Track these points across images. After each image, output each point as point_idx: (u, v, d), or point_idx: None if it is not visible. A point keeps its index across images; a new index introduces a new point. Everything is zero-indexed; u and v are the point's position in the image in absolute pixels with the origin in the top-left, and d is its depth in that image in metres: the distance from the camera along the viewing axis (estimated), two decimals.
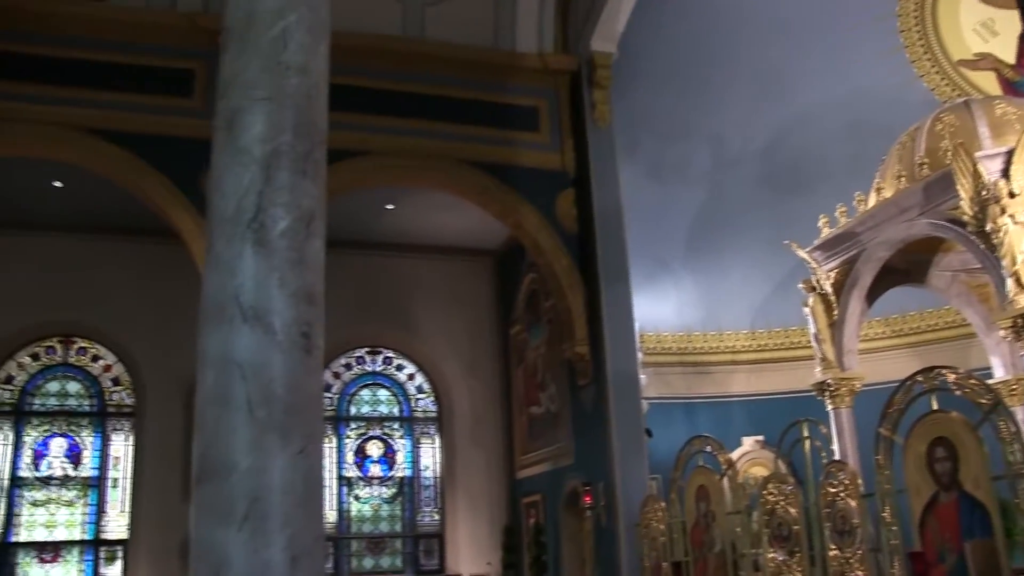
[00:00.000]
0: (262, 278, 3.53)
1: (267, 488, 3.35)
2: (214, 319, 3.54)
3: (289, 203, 3.64)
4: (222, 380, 3.45)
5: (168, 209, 10.72)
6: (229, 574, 3.28)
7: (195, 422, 3.55)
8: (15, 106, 10.44)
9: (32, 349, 14.27)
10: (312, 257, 3.66)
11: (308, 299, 3.58)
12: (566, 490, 12.76)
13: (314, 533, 3.44)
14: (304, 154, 3.72)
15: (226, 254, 3.59)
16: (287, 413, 3.43)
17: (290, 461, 3.40)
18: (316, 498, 3.50)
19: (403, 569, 14.85)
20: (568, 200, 12.19)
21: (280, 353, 3.47)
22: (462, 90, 12.02)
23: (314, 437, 3.51)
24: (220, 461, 3.38)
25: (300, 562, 3.34)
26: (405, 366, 15.70)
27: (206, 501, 3.40)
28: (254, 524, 3.30)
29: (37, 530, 13.67)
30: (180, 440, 13.89)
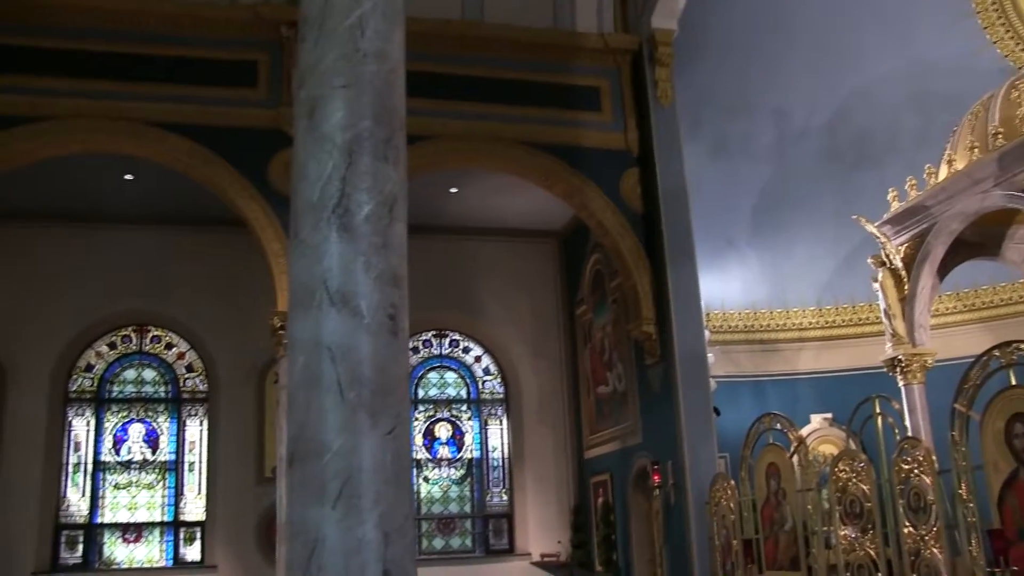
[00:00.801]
0: (348, 263, 3.60)
1: (358, 468, 3.43)
2: (303, 304, 3.61)
3: (371, 188, 3.70)
4: (312, 363, 3.53)
5: (236, 198, 10.90)
6: (325, 551, 3.36)
7: (287, 404, 3.63)
8: (87, 103, 10.70)
9: (109, 338, 14.67)
10: (395, 240, 3.73)
11: (393, 282, 3.65)
12: (634, 469, 12.76)
13: (404, 511, 3.52)
14: (384, 139, 3.79)
15: (312, 240, 3.66)
16: (376, 394, 3.51)
17: (380, 441, 3.48)
18: (405, 477, 3.58)
19: (473, 549, 14.99)
20: (632, 179, 12.15)
21: (368, 335, 3.54)
22: (524, 72, 12.02)
23: (402, 418, 3.59)
24: (313, 442, 3.46)
25: (392, 538, 3.42)
26: (472, 348, 15.80)
27: (300, 481, 3.49)
28: (347, 502, 3.39)
29: (120, 512, 14.10)
30: (252, 424, 14.22)
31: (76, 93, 10.69)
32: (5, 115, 10.45)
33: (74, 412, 14.32)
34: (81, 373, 14.44)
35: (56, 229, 14.03)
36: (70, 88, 10.69)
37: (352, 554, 3.37)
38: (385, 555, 3.40)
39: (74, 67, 10.80)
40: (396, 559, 3.42)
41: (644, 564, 12.70)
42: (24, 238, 13.96)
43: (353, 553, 3.37)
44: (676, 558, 11.30)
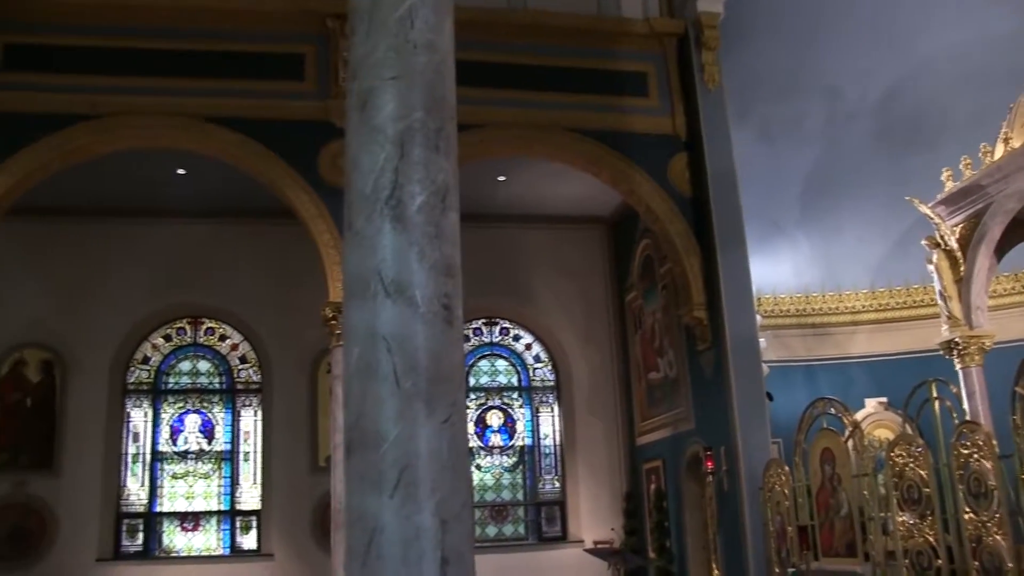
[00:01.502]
0: (402, 253, 3.62)
1: (415, 456, 3.45)
2: (358, 294, 3.64)
3: (424, 179, 3.72)
4: (368, 353, 3.55)
5: (287, 190, 11.03)
6: (383, 539, 3.39)
7: (344, 394, 3.67)
8: (141, 99, 10.93)
9: (164, 331, 14.95)
10: (449, 230, 3.74)
11: (447, 271, 3.67)
12: (687, 455, 12.72)
13: (462, 499, 3.54)
14: (436, 130, 3.80)
15: (366, 231, 3.69)
16: (432, 383, 3.52)
17: (436, 430, 3.50)
18: (462, 465, 3.60)
19: (526, 536, 15.06)
20: (680, 164, 12.09)
21: (423, 325, 3.56)
22: (570, 59, 12.00)
23: (458, 406, 3.61)
24: (370, 431, 3.49)
25: (450, 526, 3.44)
26: (522, 336, 15.84)
27: (358, 470, 3.52)
28: (405, 491, 3.41)
29: (178, 501, 14.40)
30: (305, 414, 14.39)
31: (130, 90, 10.93)
32: (63, 113, 10.73)
33: (132, 403, 14.63)
34: (138, 365, 14.75)
35: (112, 224, 14.31)
36: (125, 85, 10.93)
37: (410, 542, 3.39)
38: (443, 543, 3.42)
39: (128, 65, 11.03)
40: (454, 547, 3.44)
41: (697, 550, 12.67)
42: (82, 233, 14.26)
43: (411, 541, 3.39)
44: (730, 544, 11.26)
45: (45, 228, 14.05)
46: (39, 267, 14.12)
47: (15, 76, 10.89)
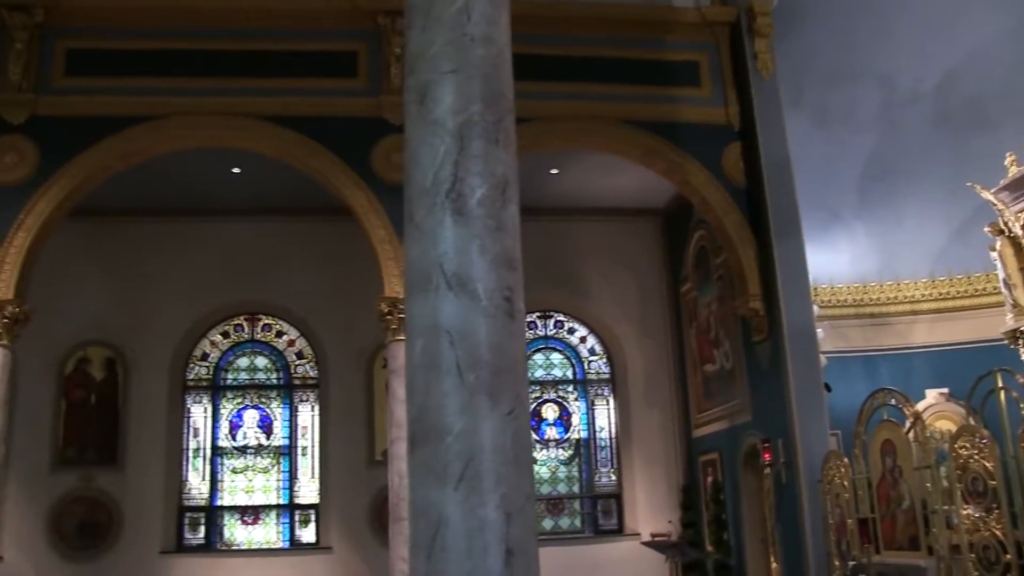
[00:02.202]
0: (463, 246, 3.63)
1: (479, 449, 3.47)
2: (420, 288, 3.66)
3: (484, 171, 3.72)
4: (431, 346, 3.57)
5: (341, 187, 11.12)
6: (448, 532, 3.41)
7: (407, 388, 3.69)
8: (197, 100, 11.11)
9: (222, 328, 15.18)
10: (509, 223, 3.75)
11: (508, 264, 3.67)
12: (744, 447, 12.61)
13: (525, 491, 3.54)
14: (495, 123, 3.80)
15: (427, 224, 3.70)
16: (495, 376, 3.53)
17: (500, 422, 3.50)
18: (525, 458, 3.60)
19: (582, 529, 15.05)
20: (735, 154, 11.97)
21: (485, 318, 3.57)
22: (621, 50, 11.92)
23: (521, 399, 3.61)
24: (434, 424, 3.51)
25: (514, 519, 3.45)
26: (576, 329, 15.81)
27: (422, 463, 3.54)
28: (469, 484, 3.42)
29: (238, 495, 14.61)
30: (362, 408, 14.51)
31: (187, 91, 11.13)
32: (123, 116, 10.94)
33: (192, 399, 14.87)
34: (197, 362, 14.99)
35: (171, 223, 14.56)
36: (182, 87, 11.14)
37: (475, 534, 3.41)
38: (507, 535, 3.43)
39: (184, 66, 11.24)
40: (518, 539, 3.45)
41: (756, 543, 12.55)
42: (142, 233, 14.54)
43: (476, 534, 3.41)
44: (789, 537, 11.15)
45: (107, 228, 14.35)
46: (101, 267, 14.42)
47: (77, 81, 11.17)
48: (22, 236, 10.64)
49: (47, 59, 11.16)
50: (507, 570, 3.39)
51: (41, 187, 10.77)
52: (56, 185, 10.80)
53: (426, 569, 3.47)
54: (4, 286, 10.49)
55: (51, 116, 10.99)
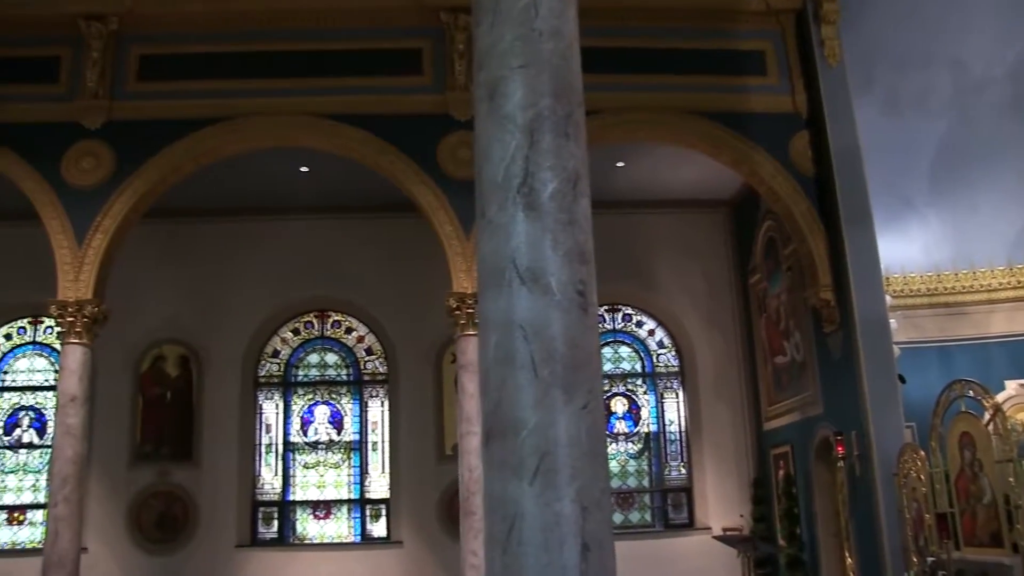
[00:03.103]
0: (536, 241, 3.63)
1: (555, 443, 3.47)
2: (493, 283, 3.67)
3: (555, 166, 3.72)
4: (505, 341, 3.58)
5: (408, 184, 11.21)
6: (524, 525, 3.42)
7: (481, 382, 3.70)
8: (265, 101, 11.34)
9: (293, 325, 15.41)
10: (581, 216, 3.74)
11: (580, 258, 3.67)
12: (816, 440, 12.43)
13: (601, 485, 3.54)
14: (565, 116, 3.80)
15: (499, 220, 3.71)
16: (569, 370, 3.53)
17: (575, 416, 3.50)
18: (601, 451, 3.60)
19: (652, 523, 14.98)
20: (802, 143, 11.80)
21: (559, 312, 3.57)
22: (686, 40, 11.82)
23: (595, 393, 3.60)
24: (509, 419, 3.52)
25: (590, 513, 3.45)
26: (645, 322, 15.72)
27: (498, 457, 3.55)
28: (545, 478, 3.43)
29: (310, 490, 14.83)
30: (431, 403, 14.61)
31: (255, 92, 11.35)
32: (194, 118, 11.19)
33: (264, 396, 15.12)
34: (268, 359, 15.23)
35: (240, 223, 14.81)
36: (250, 88, 11.37)
37: (551, 528, 3.41)
38: (583, 529, 3.43)
39: (252, 68, 11.47)
40: (594, 533, 3.45)
41: (829, 538, 12.37)
42: (213, 233, 14.82)
43: (552, 527, 3.41)
44: (863, 532, 10.97)
45: (179, 229, 14.65)
46: (175, 267, 14.73)
47: (149, 85, 11.46)
48: (100, 238, 10.95)
49: (121, 66, 11.47)
50: (583, 564, 3.39)
51: (117, 189, 11.08)
52: (131, 187, 11.08)
53: (502, 563, 3.48)
54: (83, 286, 10.80)
55: (125, 120, 11.31)
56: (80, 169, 11.13)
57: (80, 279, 10.82)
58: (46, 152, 11.14)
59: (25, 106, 11.24)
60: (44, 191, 11.06)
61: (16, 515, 14.58)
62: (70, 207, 11.02)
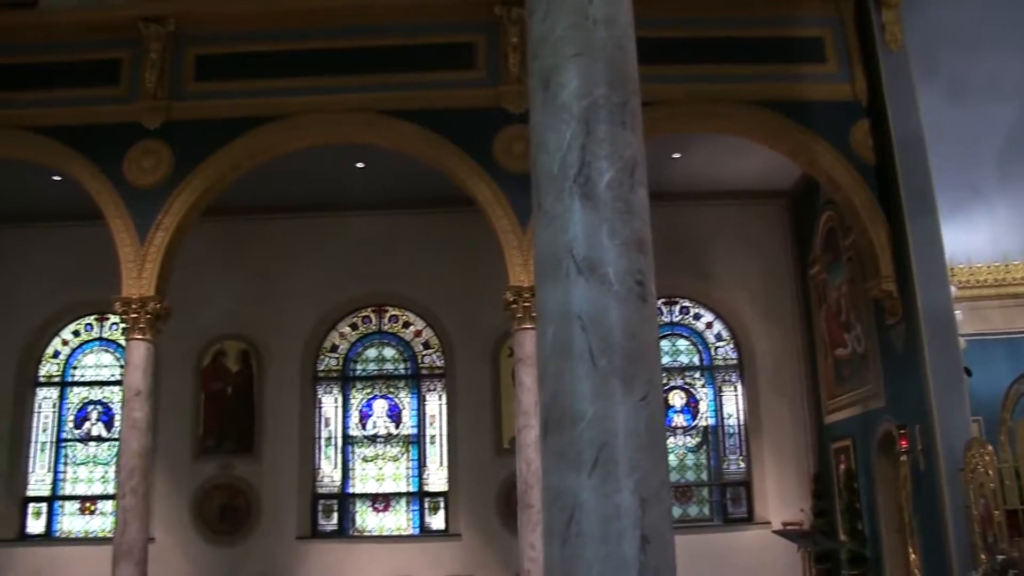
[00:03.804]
0: (593, 230, 3.60)
1: (613, 434, 3.44)
2: (550, 274, 3.65)
3: (611, 155, 3.69)
4: (563, 332, 3.56)
5: (464, 178, 11.22)
6: (582, 517, 3.40)
7: (539, 374, 3.69)
8: (321, 98, 11.44)
9: (351, 320, 15.54)
10: (638, 206, 3.71)
11: (638, 247, 3.63)
12: (879, 434, 12.21)
13: (660, 477, 3.51)
14: (621, 105, 3.76)
15: (555, 210, 3.69)
16: (627, 361, 3.50)
17: (633, 408, 3.47)
18: (659, 443, 3.56)
19: (711, 518, 14.85)
20: (863, 131, 11.57)
21: (617, 302, 3.54)
22: (742, 29, 11.66)
23: (654, 384, 3.57)
24: (567, 410, 3.50)
25: (649, 505, 3.42)
26: (702, 315, 15.57)
27: (556, 449, 3.54)
28: (604, 469, 3.40)
29: (369, 483, 14.96)
30: (489, 397, 14.65)
31: (311, 90, 11.45)
32: (250, 116, 11.35)
33: (323, 390, 15.29)
34: (327, 353, 15.39)
35: (298, 219, 14.98)
36: (305, 85, 11.47)
37: (610, 520, 3.39)
38: (643, 521, 3.40)
39: (307, 65, 11.56)
40: (654, 525, 3.42)
41: (892, 534, 12.15)
42: (271, 230, 15.01)
43: (611, 519, 3.39)
44: (928, 528, 10.76)
45: (239, 226, 14.84)
46: (234, 263, 14.95)
47: (206, 85, 11.63)
48: (161, 235, 11.14)
49: (179, 66, 11.65)
50: (643, 556, 3.36)
51: (177, 188, 11.27)
52: (190, 186, 11.26)
53: (560, 555, 3.47)
54: (146, 283, 11.00)
55: (184, 120, 11.50)
56: (141, 168, 11.33)
57: (143, 276, 11.02)
58: (108, 152, 11.37)
59: (88, 108, 11.50)
60: (107, 191, 11.29)
61: (87, 505, 14.98)
62: (132, 206, 11.23)
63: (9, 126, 11.52)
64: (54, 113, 11.48)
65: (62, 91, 11.57)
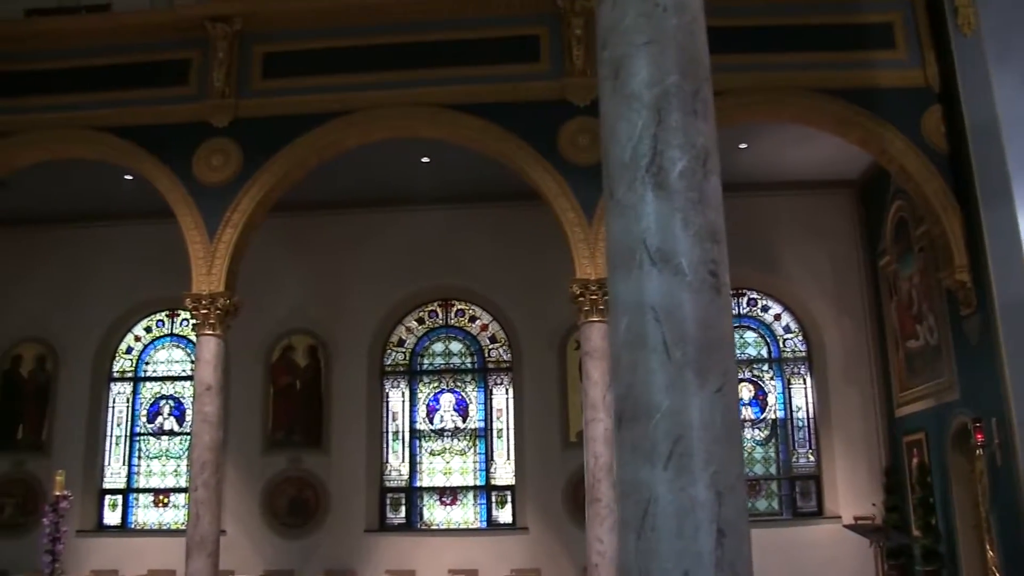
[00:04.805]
0: (665, 220, 3.56)
1: (688, 427, 3.40)
2: (623, 265, 3.62)
3: (684, 144, 3.64)
4: (636, 324, 3.53)
5: (529, 171, 11.22)
6: (657, 511, 3.37)
7: (612, 365, 3.66)
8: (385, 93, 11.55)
9: (417, 314, 15.65)
10: (711, 195, 3.66)
11: (712, 237, 3.59)
12: (953, 427, 11.93)
13: (736, 470, 3.46)
14: (692, 93, 3.71)
15: (628, 200, 3.65)
16: (702, 352, 3.46)
17: (708, 400, 3.43)
18: (735, 436, 3.51)
19: (780, 512, 14.66)
20: (935, 118, 11.30)
21: (690, 293, 3.50)
22: (809, 16, 11.46)
23: (729, 375, 3.52)
24: (641, 403, 3.47)
25: (725, 498, 3.37)
26: (770, 306, 15.35)
27: (630, 442, 3.50)
28: (678, 462, 3.37)
29: (436, 476, 15.05)
30: (555, 390, 14.62)
31: (376, 85, 11.57)
32: (317, 113, 11.51)
33: (390, 384, 15.42)
34: (394, 348, 15.51)
35: (364, 214, 15.13)
36: (370, 81, 11.60)
37: (685, 514, 3.35)
38: (719, 515, 3.36)
39: (372, 61, 11.68)
40: (730, 519, 3.37)
41: (968, 529, 11.86)
42: (337, 225, 15.19)
43: (686, 513, 3.35)
44: (1006, 524, 10.49)
45: (306, 222, 15.03)
46: (301, 259, 15.16)
47: (273, 83, 11.80)
48: (230, 232, 11.33)
49: (246, 64, 11.82)
50: (719, 550, 3.32)
51: (245, 185, 11.47)
52: (258, 182, 11.43)
53: (635, 548, 3.44)
54: (216, 280, 11.19)
55: (251, 118, 11.70)
56: (210, 166, 11.54)
57: (212, 273, 11.22)
58: (178, 151, 11.61)
59: (158, 108, 11.78)
60: (177, 189, 11.51)
61: (161, 498, 15.31)
62: (202, 203, 11.44)
63: (82, 126, 11.84)
64: (126, 113, 11.76)
65: (133, 92, 11.85)
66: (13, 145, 11.96)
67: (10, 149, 11.97)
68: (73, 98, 11.90)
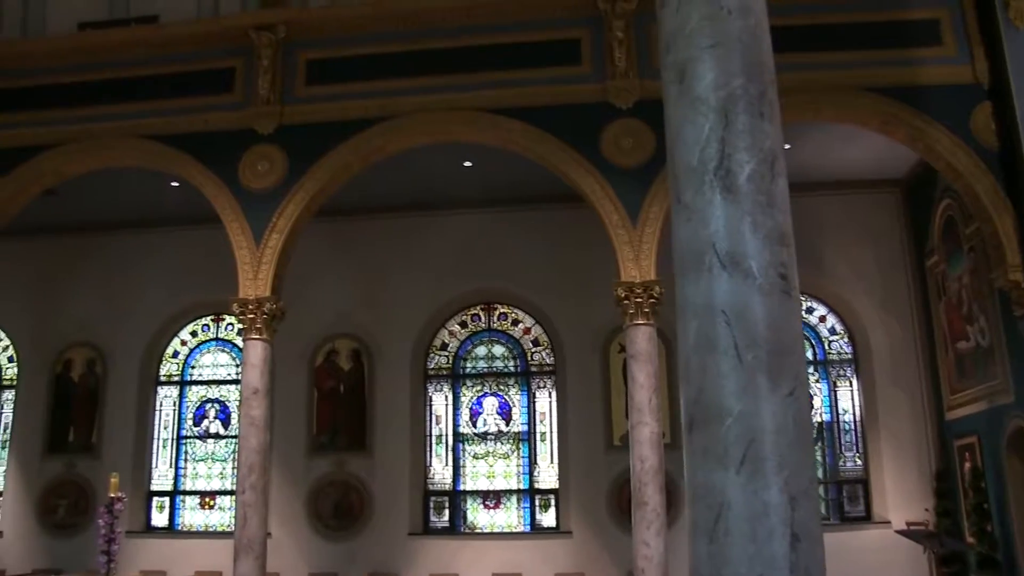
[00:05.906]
0: (734, 224, 3.55)
1: (760, 431, 3.38)
2: (692, 269, 3.60)
3: (751, 147, 3.63)
4: (706, 327, 3.51)
5: (572, 174, 11.19)
6: (730, 515, 3.35)
7: (681, 370, 3.64)
8: (426, 98, 11.58)
9: (460, 317, 15.67)
10: (779, 197, 3.64)
11: (780, 240, 3.57)
12: (1008, 431, 11.72)
13: (809, 474, 3.43)
14: (758, 95, 3.70)
15: (696, 204, 3.64)
16: (773, 355, 3.43)
17: (780, 403, 3.40)
18: (807, 439, 3.48)
19: (827, 516, 14.45)
20: (984, 114, 11.10)
21: (761, 296, 3.48)
22: (854, 14, 11.33)
23: (800, 378, 3.49)
24: (712, 406, 3.45)
25: (798, 503, 3.35)
26: (815, 308, 15.17)
27: (702, 445, 3.49)
28: (751, 466, 3.35)
29: (480, 480, 15.06)
30: (599, 394, 14.57)
31: (417, 90, 11.61)
32: (359, 118, 11.61)
33: (433, 388, 15.45)
34: (437, 351, 15.55)
35: (406, 218, 15.22)
36: (412, 86, 11.66)
37: (759, 518, 3.33)
38: (792, 519, 3.33)
39: (413, 66, 11.72)
40: (803, 523, 3.34)
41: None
42: (380, 230, 15.30)
43: (760, 517, 3.33)
44: None
45: (349, 227, 15.15)
46: (345, 263, 15.26)
47: (317, 89, 11.91)
48: (275, 237, 11.42)
49: (290, 71, 11.93)
50: (793, 555, 3.30)
51: (290, 191, 11.55)
52: (303, 188, 11.51)
53: (708, 552, 3.42)
54: (262, 284, 11.29)
55: (295, 124, 11.80)
56: (255, 173, 11.64)
57: (259, 278, 11.31)
58: (224, 158, 11.73)
59: (204, 116, 11.91)
60: (224, 195, 11.63)
61: (207, 500, 15.46)
62: (247, 209, 11.55)
63: (130, 135, 12.01)
64: (172, 122, 11.91)
65: (180, 100, 12.00)
66: (63, 154, 12.15)
67: (60, 158, 12.16)
68: (121, 107, 12.08)
